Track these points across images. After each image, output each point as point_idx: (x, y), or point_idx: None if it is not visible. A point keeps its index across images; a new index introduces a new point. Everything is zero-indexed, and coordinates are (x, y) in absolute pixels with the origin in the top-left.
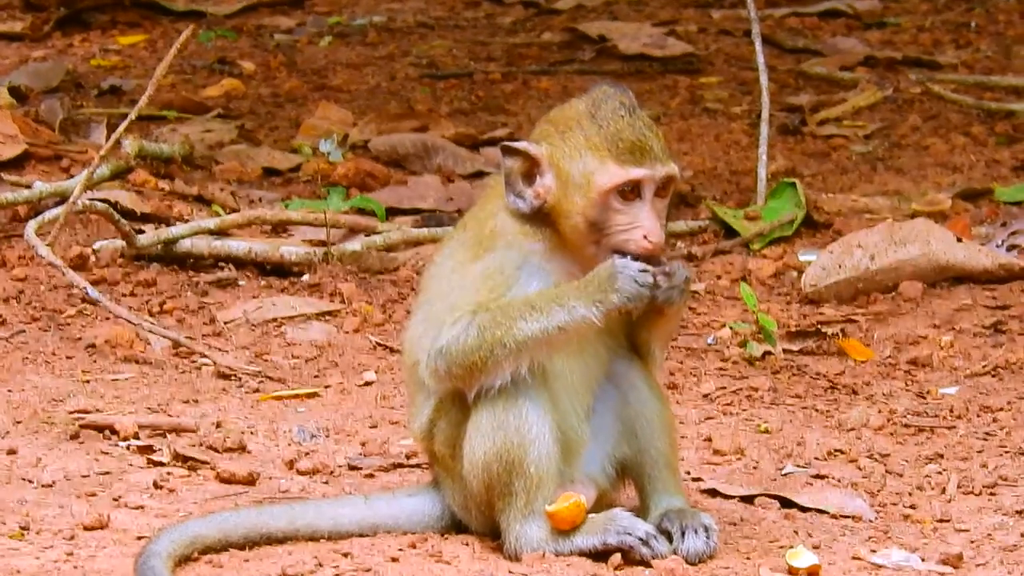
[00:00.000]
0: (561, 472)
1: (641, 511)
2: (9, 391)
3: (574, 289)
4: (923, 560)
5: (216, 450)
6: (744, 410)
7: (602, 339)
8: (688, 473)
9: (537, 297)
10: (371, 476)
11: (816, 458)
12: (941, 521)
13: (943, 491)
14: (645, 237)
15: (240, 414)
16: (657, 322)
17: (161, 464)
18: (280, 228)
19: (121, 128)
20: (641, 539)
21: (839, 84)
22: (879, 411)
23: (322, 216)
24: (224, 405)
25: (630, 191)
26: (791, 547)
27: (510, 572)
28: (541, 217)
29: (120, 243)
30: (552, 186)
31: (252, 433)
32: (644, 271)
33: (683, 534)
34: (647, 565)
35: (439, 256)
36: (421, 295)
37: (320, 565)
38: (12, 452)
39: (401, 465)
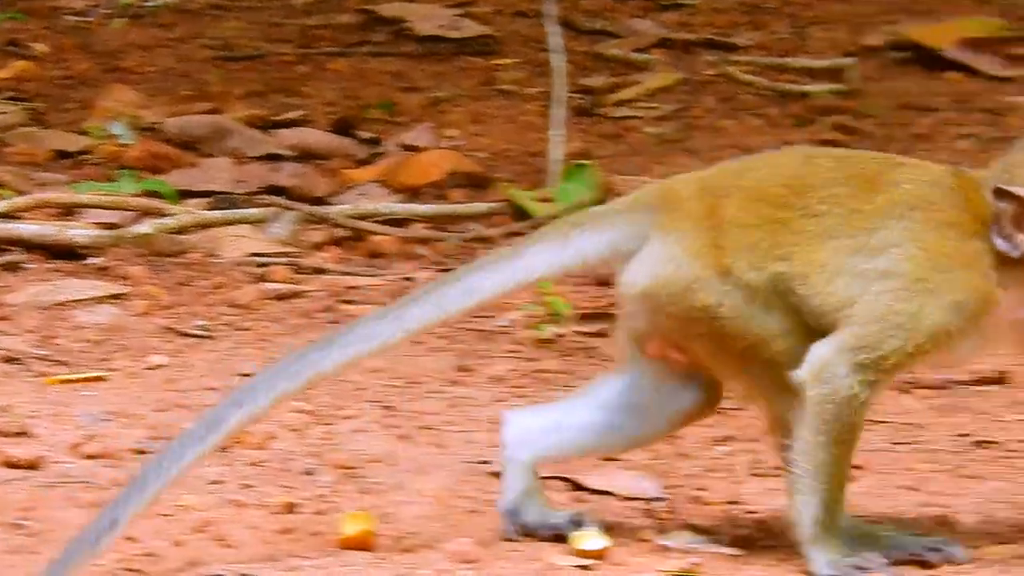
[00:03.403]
0: None
1: None
2: None
3: None
4: (713, 542)
5: (0, 434)
6: (536, 392)
7: None
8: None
9: None
10: None
11: None
12: (731, 503)
13: (733, 473)
14: None
15: (26, 398)
16: None
17: None
18: (71, 211)
19: None
20: None
21: (635, 66)
22: None
23: (112, 199)
24: (9, 389)
25: None
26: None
27: None
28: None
29: None
30: None
31: (37, 417)
32: None
33: None
34: None
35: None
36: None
37: None
38: None
39: None
